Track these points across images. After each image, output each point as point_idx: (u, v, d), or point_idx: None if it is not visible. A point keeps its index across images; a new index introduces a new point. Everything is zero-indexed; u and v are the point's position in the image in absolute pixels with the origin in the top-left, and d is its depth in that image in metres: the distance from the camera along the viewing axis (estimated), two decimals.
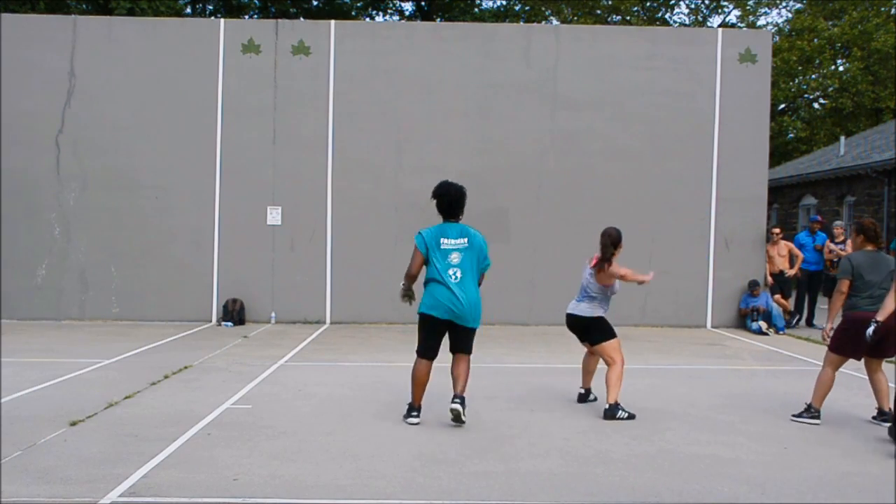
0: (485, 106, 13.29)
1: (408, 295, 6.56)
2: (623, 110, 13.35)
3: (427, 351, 6.47)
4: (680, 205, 13.29)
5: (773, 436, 6.21)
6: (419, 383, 6.46)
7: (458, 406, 6.33)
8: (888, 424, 6.48)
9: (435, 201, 6.52)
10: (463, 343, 6.47)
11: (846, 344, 6.56)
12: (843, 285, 6.55)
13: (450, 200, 6.46)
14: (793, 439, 6.12)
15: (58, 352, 9.79)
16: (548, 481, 5.03)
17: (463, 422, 6.36)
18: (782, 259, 13.44)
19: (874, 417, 6.75)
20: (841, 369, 8.52)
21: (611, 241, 6.90)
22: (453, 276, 6.30)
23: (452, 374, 6.48)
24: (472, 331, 6.47)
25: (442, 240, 6.37)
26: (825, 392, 6.66)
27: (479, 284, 6.50)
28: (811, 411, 6.69)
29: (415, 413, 6.48)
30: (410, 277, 6.50)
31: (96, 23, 13.71)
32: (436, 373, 7.04)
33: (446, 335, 6.51)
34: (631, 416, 6.68)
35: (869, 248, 6.67)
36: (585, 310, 7.10)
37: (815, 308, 13.84)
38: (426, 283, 6.44)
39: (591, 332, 7.09)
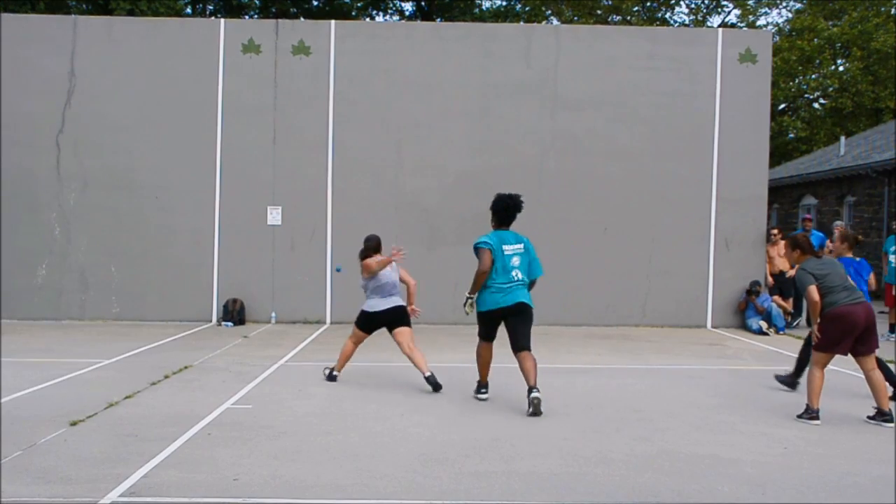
0: (485, 106, 13.29)
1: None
2: (623, 110, 13.35)
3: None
4: (680, 205, 13.29)
5: (773, 436, 6.21)
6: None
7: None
8: (891, 425, 6.51)
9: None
10: None
11: (831, 340, 6.63)
12: (814, 293, 6.64)
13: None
14: (793, 439, 6.12)
15: (58, 352, 9.79)
16: (548, 481, 5.02)
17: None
18: (782, 259, 13.43)
19: (871, 417, 6.75)
20: (842, 369, 8.55)
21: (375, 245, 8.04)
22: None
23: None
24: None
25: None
26: (818, 391, 6.68)
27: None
28: (809, 412, 6.69)
29: None
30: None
31: (96, 23, 13.71)
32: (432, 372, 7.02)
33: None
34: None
35: (815, 255, 6.86)
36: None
37: None
38: None
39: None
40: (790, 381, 8.05)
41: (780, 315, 12.78)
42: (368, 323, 7.97)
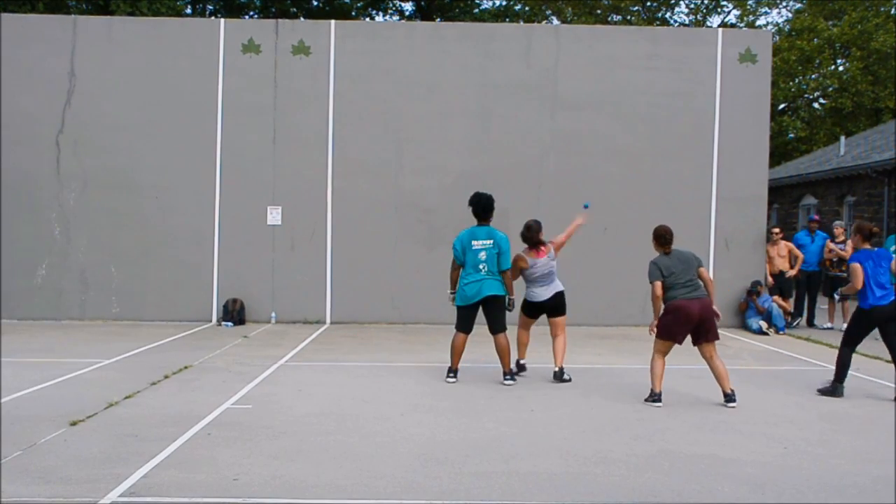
0: (485, 106, 13.28)
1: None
2: (623, 110, 13.34)
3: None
4: (680, 205, 13.26)
5: (773, 436, 6.21)
6: None
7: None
8: (733, 405, 7.14)
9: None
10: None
11: (668, 330, 7.31)
12: (657, 288, 7.39)
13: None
14: (793, 439, 6.12)
15: (58, 352, 9.79)
16: (548, 481, 5.03)
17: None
18: (782, 259, 13.42)
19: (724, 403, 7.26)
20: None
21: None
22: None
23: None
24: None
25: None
26: (659, 374, 7.32)
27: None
28: (653, 395, 7.27)
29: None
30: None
31: (96, 23, 13.71)
32: (432, 372, 7.00)
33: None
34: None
35: (664, 251, 7.61)
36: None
37: (815, 308, 13.83)
38: None
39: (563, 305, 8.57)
40: (833, 389, 7.83)
41: (781, 315, 12.77)
42: (533, 310, 8.61)
